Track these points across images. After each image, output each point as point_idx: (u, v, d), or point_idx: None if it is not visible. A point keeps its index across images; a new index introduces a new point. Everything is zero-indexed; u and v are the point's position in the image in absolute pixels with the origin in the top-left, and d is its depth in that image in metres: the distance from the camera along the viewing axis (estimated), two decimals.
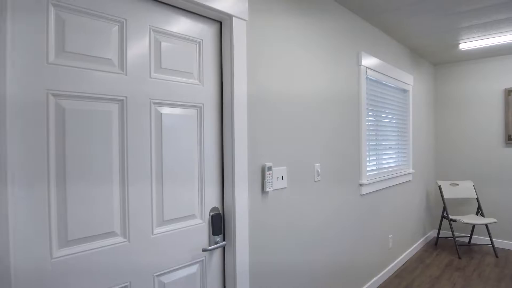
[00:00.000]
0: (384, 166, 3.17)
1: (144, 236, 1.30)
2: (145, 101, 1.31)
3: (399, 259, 3.40)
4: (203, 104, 1.52)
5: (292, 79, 1.93)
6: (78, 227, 1.14)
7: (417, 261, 3.58)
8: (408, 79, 3.52)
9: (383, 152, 3.17)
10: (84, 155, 1.15)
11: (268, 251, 1.76)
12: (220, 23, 1.62)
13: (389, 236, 3.18)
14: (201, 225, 1.51)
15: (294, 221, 1.94)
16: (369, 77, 2.79)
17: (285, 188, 1.86)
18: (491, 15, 2.70)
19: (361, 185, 2.62)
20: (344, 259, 2.46)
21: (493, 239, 3.94)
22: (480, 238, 4.13)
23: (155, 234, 1.34)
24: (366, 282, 2.78)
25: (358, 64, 2.62)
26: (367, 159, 2.80)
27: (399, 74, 3.31)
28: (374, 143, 2.99)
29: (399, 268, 3.38)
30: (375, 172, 2.99)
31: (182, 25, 1.45)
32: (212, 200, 1.55)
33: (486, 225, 3.78)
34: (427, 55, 3.97)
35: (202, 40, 1.53)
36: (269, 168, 1.70)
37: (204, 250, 1.45)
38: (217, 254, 1.58)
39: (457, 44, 3.52)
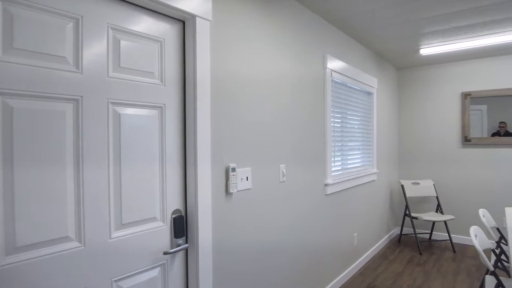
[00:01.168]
0: (349, 166, 3.26)
1: (101, 240, 1.26)
2: (102, 101, 1.27)
3: (364, 256, 3.51)
4: (164, 104, 1.49)
5: (257, 81, 1.94)
6: (28, 232, 1.08)
7: (381, 258, 3.71)
8: (372, 82, 3.64)
9: (349, 153, 3.26)
10: (34, 157, 1.09)
11: (232, 252, 1.76)
12: (183, 22, 1.60)
13: (354, 234, 3.27)
14: (163, 227, 1.48)
15: (259, 222, 1.95)
16: (334, 79, 2.86)
17: (250, 189, 1.86)
18: (449, 22, 2.85)
19: (326, 185, 2.68)
20: (310, 258, 2.50)
21: (451, 235, 4.15)
22: (439, 234, 4.34)
23: (113, 238, 1.30)
24: (332, 280, 2.85)
25: (324, 66, 2.67)
26: (333, 159, 2.86)
27: (364, 77, 3.42)
28: (340, 144, 3.06)
29: (364, 266, 3.48)
30: (341, 172, 3.07)
31: (143, 24, 1.42)
32: (174, 202, 1.53)
33: (445, 222, 3.98)
34: (391, 59, 4.13)
35: (164, 39, 1.50)
36: (233, 169, 1.70)
37: (165, 253, 1.42)
38: (180, 257, 1.56)
39: (418, 50, 3.68)
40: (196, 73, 1.55)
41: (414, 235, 4.13)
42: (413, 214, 4.01)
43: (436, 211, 4.19)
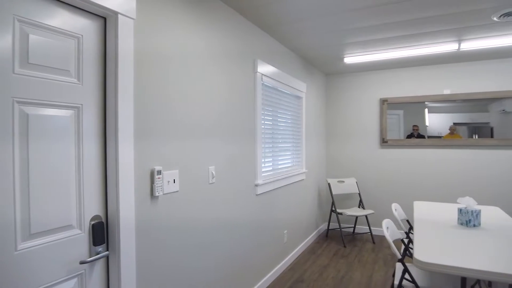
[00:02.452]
0: (280, 166, 3.40)
1: (5, 253, 1.15)
2: (6, 100, 1.16)
3: (293, 252, 3.68)
4: (82, 104, 1.41)
5: (186, 81, 1.93)
6: None
7: (309, 252, 3.92)
8: (301, 87, 3.84)
9: (279, 154, 3.39)
10: None
11: (159, 257, 1.72)
12: (105, 19, 1.53)
13: (284, 232, 3.42)
14: (80, 235, 1.40)
15: (187, 224, 1.94)
16: (265, 83, 2.95)
17: (177, 191, 1.84)
18: (369, 35, 3.12)
19: (256, 185, 2.76)
20: (241, 256, 2.55)
21: (371, 228, 4.55)
22: (362, 228, 4.73)
23: (20, 250, 1.19)
24: (263, 276, 2.94)
25: (254, 70, 2.75)
26: (263, 160, 2.96)
27: (293, 82, 3.59)
28: (271, 145, 3.18)
29: (293, 261, 3.65)
30: (271, 173, 3.18)
31: (58, 18, 1.32)
32: (93, 208, 1.45)
33: (366, 216, 4.36)
34: (319, 66, 4.40)
35: (83, 36, 1.42)
36: (159, 172, 1.67)
37: (82, 262, 1.34)
38: (100, 266, 1.48)
39: (343, 58, 3.98)
40: (118, 72, 1.49)
41: (339, 229, 4.44)
42: (338, 210, 4.32)
43: (359, 207, 4.57)
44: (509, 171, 4.00)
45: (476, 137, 4.13)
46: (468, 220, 2.34)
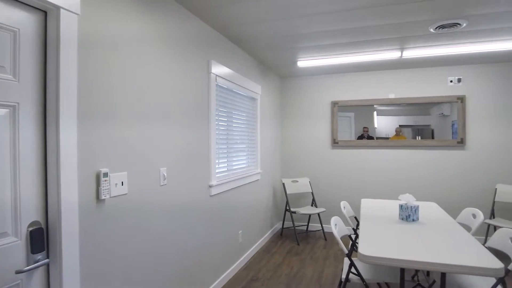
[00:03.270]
0: (235, 167, 3.42)
1: None
2: None
3: (249, 251, 3.71)
4: (18, 103, 1.32)
5: (136, 80, 1.87)
6: None
7: (264, 251, 3.99)
8: (256, 89, 3.89)
9: (234, 154, 3.41)
10: None
11: (106, 264, 1.66)
12: (46, 13, 1.44)
13: (239, 232, 3.44)
14: (15, 243, 1.30)
15: (138, 228, 1.89)
16: (219, 84, 2.96)
17: (126, 194, 1.79)
18: (320, 40, 3.25)
19: (210, 186, 2.75)
20: (195, 259, 2.53)
21: (323, 225, 4.73)
22: (315, 226, 4.90)
23: None
24: (218, 277, 2.94)
25: (209, 71, 2.74)
26: (217, 161, 2.96)
27: (248, 84, 3.62)
28: (225, 146, 3.18)
29: (248, 260, 3.69)
30: (226, 173, 3.19)
31: None
32: (31, 214, 1.36)
33: (318, 214, 4.53)
34: (274, 68, 4.48)
35: (19, 29, 1.33)
36: (106, 174, 1.61)
37: (18, 272, 1.26)
38: (39, 275, 1.39)
39: (296, 62, 4.09)
40: (60, 69, 1.41)
41: (293, 228, 4.56)
42: (292, 209, 4.43)
43: (312, 205, 4.72)
44: (446, 169, 4.37)
45: (419, 138, 4.47)
46: (408, 215, 2.53)
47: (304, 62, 4.05)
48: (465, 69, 4.30)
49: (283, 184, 4.55)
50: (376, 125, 4.65)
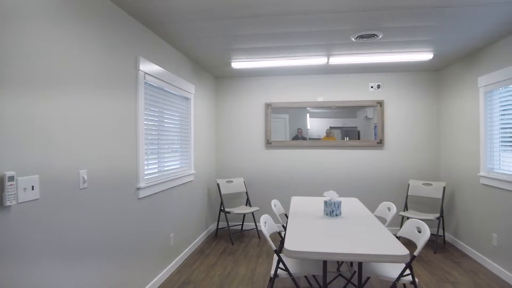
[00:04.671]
0: (166, 168, 3.32)
1: None
2: None
3: (182, 254, 3.64)
4: None
5: (49, 74, 1.72)
6: None
7: (198, 253, 3.94)
8: (190, 88, 3.84)
9: (166, 155, 3.32)
10: None
11: (15, 280, 1.49)
12: None
13: (171, 235, 3.35)
14: None
15: (53, 235, 1.73)
16: (149, 82, 2.85)
17: (38, 199, 1.63)
18: (253, 42, 3.31)
19: (138, 188, 2.64)
20: (123, 265, 2.40)
21: (257, 224, 4.83)
22: (249, 225, 4.98)
23: None
24: (148, 283, 2.83)
25: (136, 68, 2.63)
26: (146, 162, 2.85)
27: (181, 83, 3.55)
28: (156, 147, 3.08)
29: (181, 263, 3.61)
30: (157, 175, 3.08)
31: None
32: None
33: (252, 213, 4.62)
34: (209, 68, 4.46)
35: None
36: (11, 178, 1.45)
37: None
38: None
39: (230, 63, 4.12)
40: None
41: (227, 228, 4.57)
42: (226, 209, 4.45)
43: (246, 205, 4.80)
44: (368, 168, 4.77)
45: (347, 139, 4.81)
46: (331, 210, 2.70)
47: (238, 64, 4.10)
48: (384, 76, 4.75)
49: (218, 184, 4.55)
50: (309, 127, 4.89)
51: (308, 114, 4.89)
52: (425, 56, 3.76)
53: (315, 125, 4.89)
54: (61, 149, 1.80)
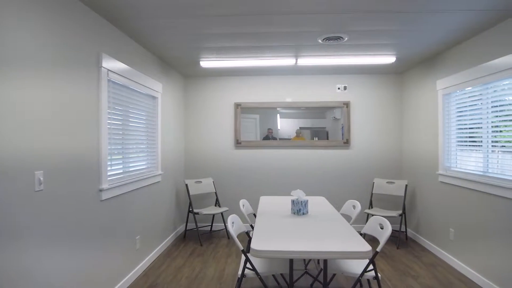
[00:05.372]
0: (132, 169, 3.22)
1: None
2: None
3: (148, 257, 3.54)
4: None
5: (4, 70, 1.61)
6: None
7: (165, 256, 3.86)
8: (157, 87, 3.75)
9: (131, 155, 3.22)
10: None
11: None
12: None
13: (137, 238, 3.26)
14: None
15: (3, 244, 1.62)
16: (112, 80, 2.75)
17: None
18: (222, 42, 3.29)
19: (101, 190, 2.54)
20: (85, 271, 2.30)
21: (226, 224, 4.79)
22: (218, 225, 4.95)
23: None
24: (113, 287, 2.73)
25: (99, 65, 2.53)
26: (110, 163, 2.75)
27: (147, 81, 3.46)
28: (121, 147, 2.98)
29: (148, 266, 3.52)
30: (122, 175, 2.99)
31: None
32: None
33: (222, 213, 4.59)
34: (177, 67, 4.38)
35: None
36: None
37: None
38: None
39: (199, 62, 4.07)
40: None
41: (196, 229, 4.50)
42: (195, 210, 4.39)
43: (215, 205, 4.76)
44: (335, 167, 4.88)
45: (316, 139, 4.89)
46: (299, 209, 2.74)
47: (207, 63, 4.06)
48: (350, 78, 4.88)
49: (186, 185, 4.48)
50: (279, 127, 4.93)
51: (278, 115, 4.94)
52: (388, 59, 3.91)
53: (285, 126, 4.95)
54: (13, 149, 1.69)
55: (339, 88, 4.88)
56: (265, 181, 4.94)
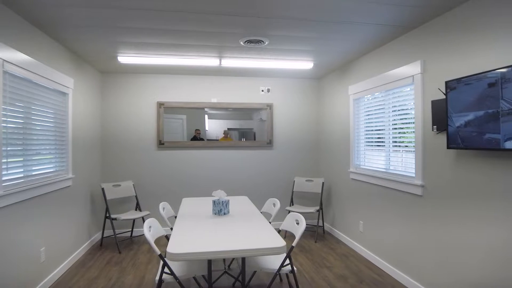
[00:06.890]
0: (35, 173, 2.89)
1: None
2: None
3: (56, 270, 3.21)
4: None
5: None
6: None
7: (78, 267, 3.54)
8: (67, 82, 3.42)
9: (35, 158, 2.88)
10: None
11: None
12: None
13: (41, 250, 2.92)
14: None
15: None
16: (10, 72, 2.43)
17: None
18: (141, 37, 3.13)
19: None
20: None
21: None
22: (140, 231, 4.70)
23: None
24: None
25: None
26: (5, 166, 2.42)
27: (56, 76, 3.14)
28: (21, 148, 2.65)
29: (56, 280, 3.18)
30: (22, 180, 2.65)
31: None
32: None
33: (143, 218, 4.37)
34: (92, 62, 4.06)
35: None
36: None
37: None
38: None
39: (116, 57, 3.83)
40: None
41: (114, 236, 4.22)
42: (113, 216, 4.11)
43: (136, 209, 4.52)
44: (259, 167, 5.01)
45: (244, 140, 4.96)
46: (220, 209, 2.75)
47: (126, 58, 3.84)
48: (273, 81, 5.07)
49: (103, 189, 4.17)
50: (207, 128, 4.88)
51: (206, 116, 4.89)
52: (307, 64, 4.15)
53: (214, 127, 4.92)
54: None
55: (262, 90, 5.03)
56: (190, 183, 4.85)
